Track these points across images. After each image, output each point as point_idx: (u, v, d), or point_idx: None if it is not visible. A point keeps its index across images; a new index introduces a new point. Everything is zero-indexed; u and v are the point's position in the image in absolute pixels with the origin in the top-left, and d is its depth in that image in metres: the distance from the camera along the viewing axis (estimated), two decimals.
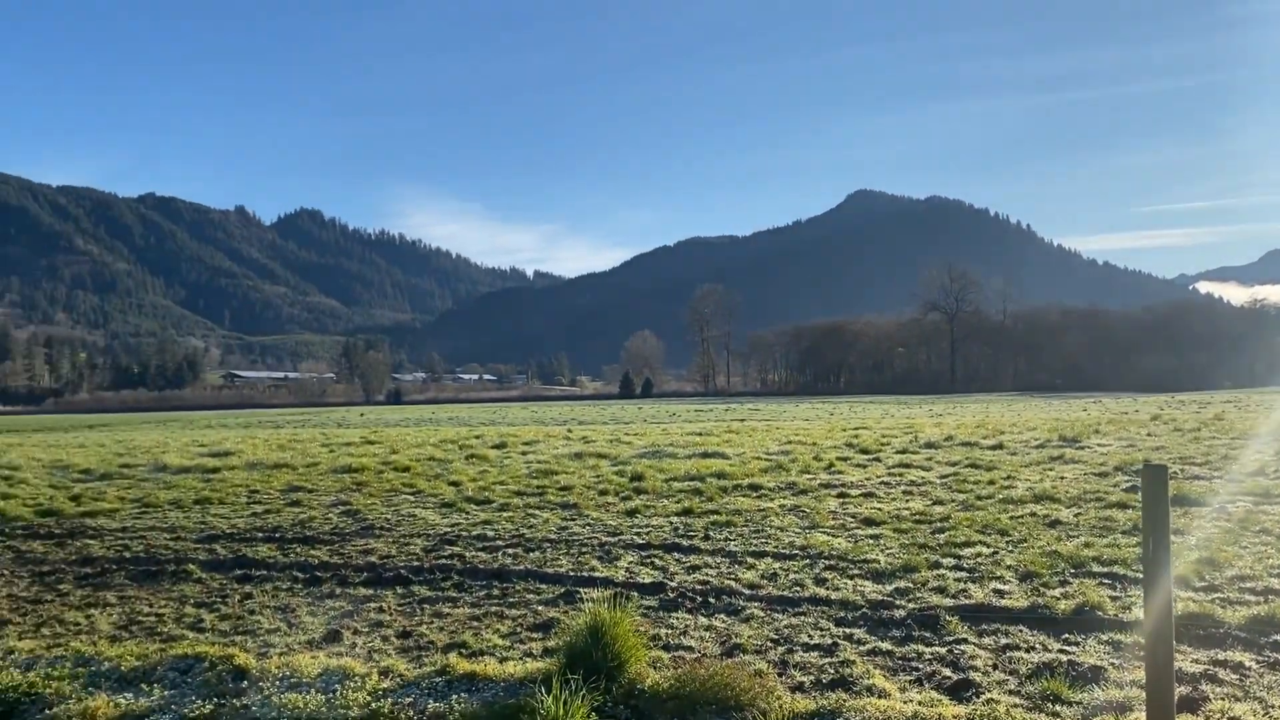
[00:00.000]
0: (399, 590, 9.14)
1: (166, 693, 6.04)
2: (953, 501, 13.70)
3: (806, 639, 7.09)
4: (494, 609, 8.30)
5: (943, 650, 6.76)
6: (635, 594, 8.34)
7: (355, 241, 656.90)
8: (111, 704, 5.85)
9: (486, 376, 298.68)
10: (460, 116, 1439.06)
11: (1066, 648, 6.75)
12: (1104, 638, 6.94)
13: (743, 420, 43.87)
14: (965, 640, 6.96)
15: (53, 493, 17.86)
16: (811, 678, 6.20)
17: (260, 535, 12.61)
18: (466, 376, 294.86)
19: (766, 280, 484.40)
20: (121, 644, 7.25)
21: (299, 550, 11.42)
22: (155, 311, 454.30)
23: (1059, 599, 7.94)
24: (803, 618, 7.69)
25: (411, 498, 16.10)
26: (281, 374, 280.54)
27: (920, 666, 6.45)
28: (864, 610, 7.83)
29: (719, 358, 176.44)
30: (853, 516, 12.60)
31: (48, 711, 5.86)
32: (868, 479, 16.72)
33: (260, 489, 17.77)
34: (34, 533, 13.48)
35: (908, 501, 13.86)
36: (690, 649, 6.90)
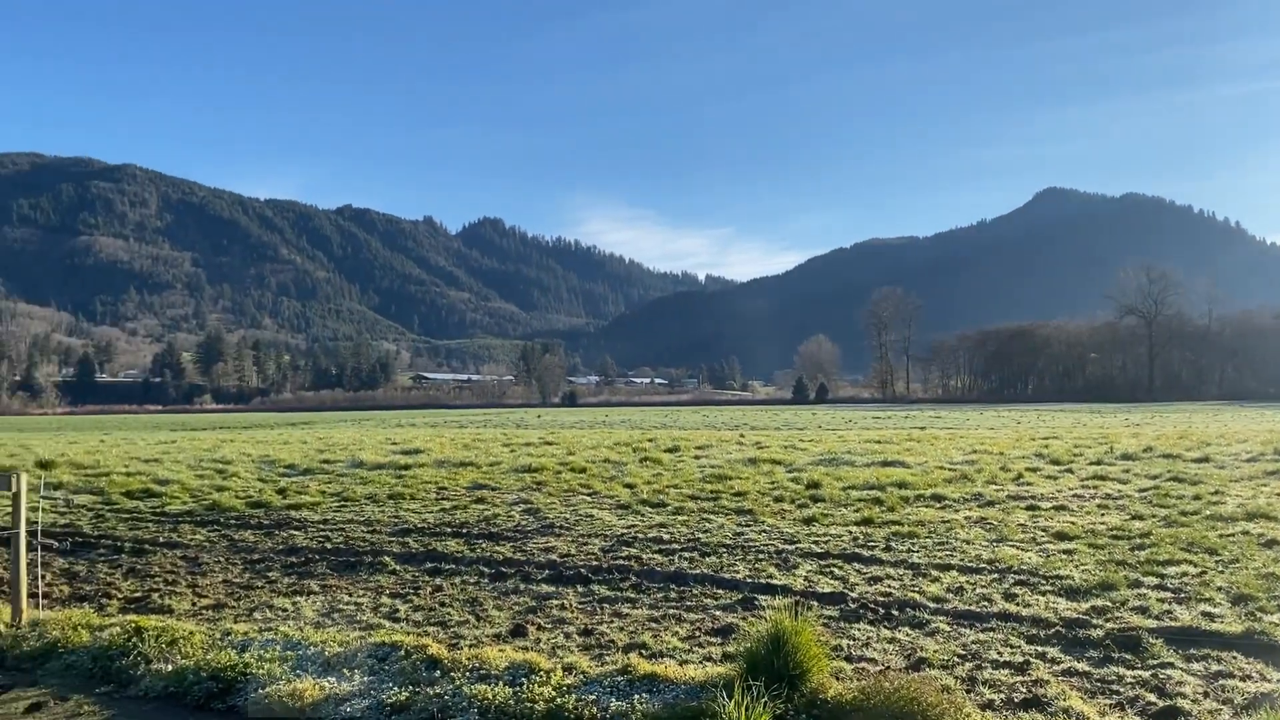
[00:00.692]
0: (579, 589, 9.33)
1: (366, 679, 6.36)
2: (1154, 517, 12.89)
3: (996, 655, 6.81)
4: (671, 611, 8.36)
5: (1146, 674, 6.36)
6: (814, 603, 8.22)
7: (534, 249, 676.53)
8: (317, 687, 6.21)
9: (658, 380, 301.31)
10: (635, 125, 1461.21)
11: None
12: None
13: (924, 428, 42.63)
14: (1171, 665, 6.53)
15: (261, 486, 19.18)
16: (1002, 696, 5.96)
17: (448, 530, 13.14)
18: (638, 380, 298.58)
19: (948, 283, 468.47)
20: (324, 630, 7.69)
21: (484, 546, 11.83)
22: (351, 316, 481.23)
23: (1278, 625, 7.34)
24: (991, 634, 7.40)
25: (588, 498, 16.44)
26: (465, 376, 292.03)
27: (1121, 690, 6.09)
28: (1058, 628, 7.45)
29: (898, 363, 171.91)
30: (1044, 530, 12.03)
31: (260, 691, 6.28)
32: (1059, 491, 15.96)
33: (448, 486, 18.55)
34: (245, 523, 14.51)
35: (1103, 516, 13.14)
36: (873, 661, 6.75)
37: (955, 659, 6.76)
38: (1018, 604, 8.27)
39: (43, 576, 9.85)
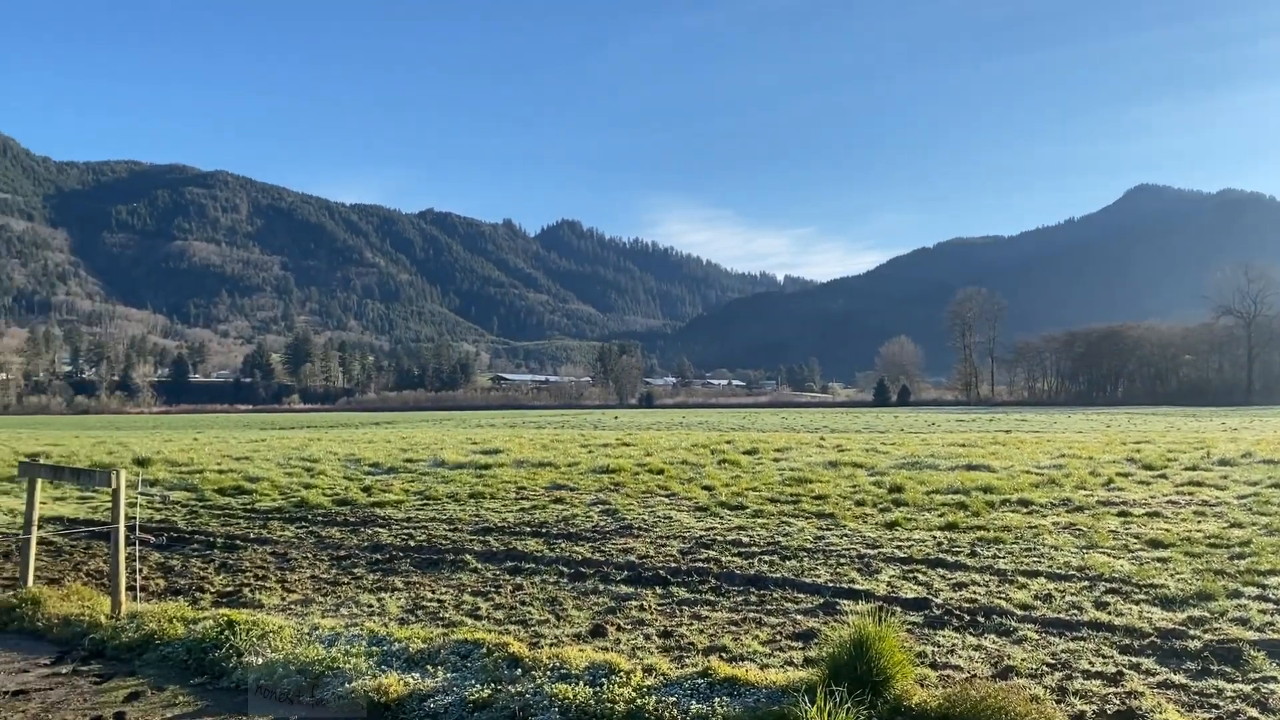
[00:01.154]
0: (658, 590, 9.32)
1: (449, 675, 6.44)
2: (1254, 525, 12.40)
3: (1087, 665, 6.61)
4: (752, 615, 8.30)
5: (1247, 688, 6.11)
6: (898, 609, 8.08)
7: (611, 251, 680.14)
8: (401, 682, 6.31)
9: (735, 382, 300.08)
10: (714, 125, 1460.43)
11: None
12: None
13: (1009, 431, 41.69)
14: (1274, 679, 6.26)
15: (347, 484, 19.60)
16: (1094, 708, 5.77)
17: (528, 530, 13.26)
18: (716, 382, 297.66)
19: (1034, 283, 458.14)
20: (409, 627, 7.81)
21: (563, 546, 11.91)
22: (432, 318, 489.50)
23: None
24: (1082, 643, 7.18)
25: (666, 500, 16.43)
26: (543, 377, 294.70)
27: (1220, 704, 5.86)
28: (1152, 638, 7.21)
29: (982, 365, 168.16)
30: (1136, 537, 11.66)
31: (347, 685, 6.40)
32: (1152, 497, 15.46)
33: (527, 486, 18.73)
34: (332, 520, 14.84)
35: (1200, 523, 12.67)
36: (959, 668, 6.61)
37: (1044, 668, 6.58)
38: (1110, 613, 8.02)
39: (140, 570, 10.19)
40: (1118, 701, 5.84)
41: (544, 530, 13.19)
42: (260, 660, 6.91)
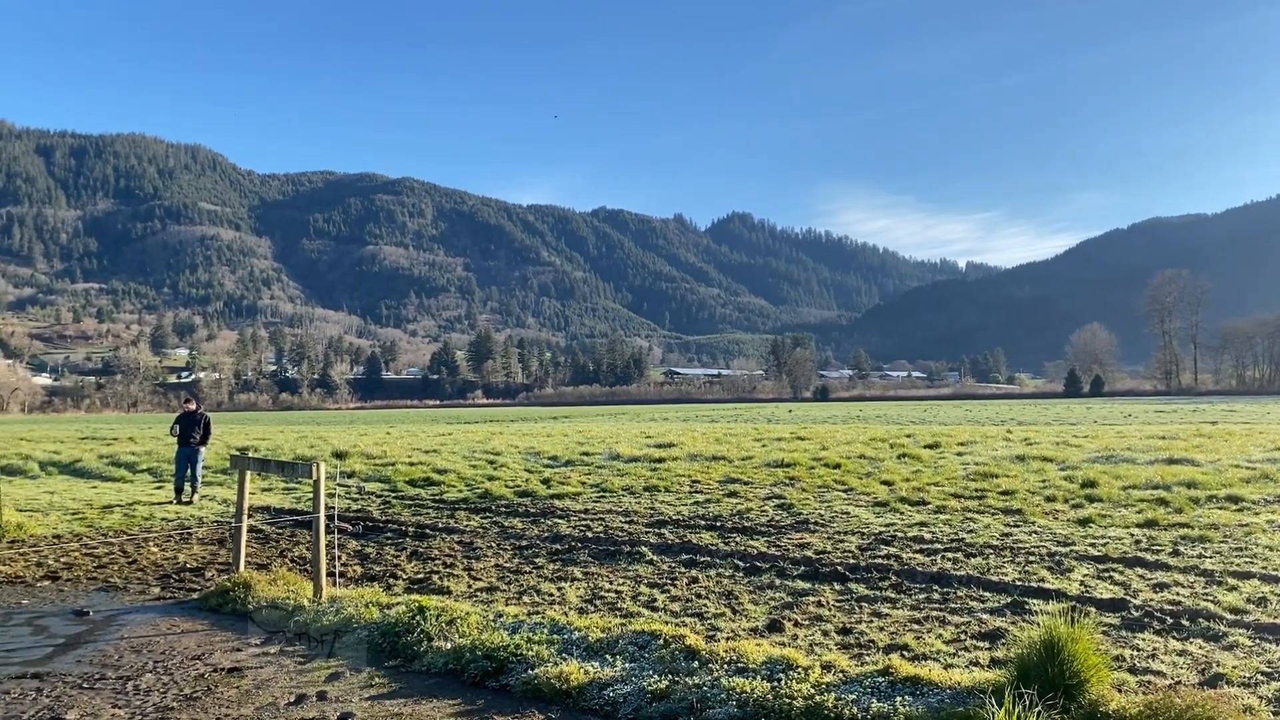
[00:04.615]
0: (836, 586, 9.17)
1: (627, 665, 6.54)
2: None
3: None
4: (934, 613, 8.05)
5: None
6: (1092, 609, 7.67)
7: (783, 242, 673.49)
8: (581, 670, 6.45)
9: (915, 374, 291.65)
10: (891, 110, 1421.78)
11: None
12: None
13: (1215, 423, 38.83)
14: None
15: (528, 476, 20.21)
16: None
17: (702, 523, 13.32)
18: (894, 374, 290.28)
19: (1243, 263, 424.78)
20: (588, 616, 7.98)
21: (738, 540, 11.89)
22: (606, 314, 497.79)
23: None
24: None
25: (843, 494, 16.17)
26: (715, 371, 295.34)
27: None
28: None
29: (1183, 352, 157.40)
30: None
31: (530, 671, 6.59)
32: None
33: (700, 479, 18.79)
34: (514, 510, 15.33)
35: None
36: (1160, 674, 6.21)
37: (1259, 677, 6.10)
38: None
39: (338, 557, 10.83)
40: None
41: (718, 524, 13.21)
42: (449, 645, 7.20)
